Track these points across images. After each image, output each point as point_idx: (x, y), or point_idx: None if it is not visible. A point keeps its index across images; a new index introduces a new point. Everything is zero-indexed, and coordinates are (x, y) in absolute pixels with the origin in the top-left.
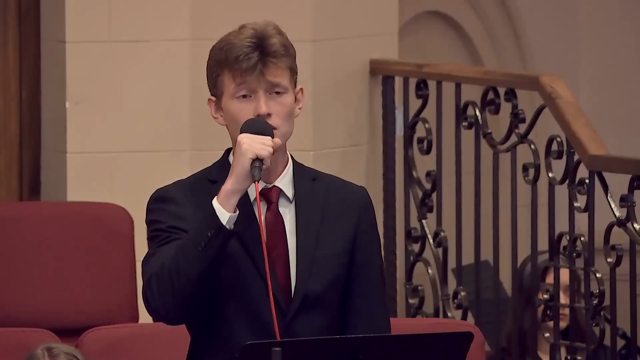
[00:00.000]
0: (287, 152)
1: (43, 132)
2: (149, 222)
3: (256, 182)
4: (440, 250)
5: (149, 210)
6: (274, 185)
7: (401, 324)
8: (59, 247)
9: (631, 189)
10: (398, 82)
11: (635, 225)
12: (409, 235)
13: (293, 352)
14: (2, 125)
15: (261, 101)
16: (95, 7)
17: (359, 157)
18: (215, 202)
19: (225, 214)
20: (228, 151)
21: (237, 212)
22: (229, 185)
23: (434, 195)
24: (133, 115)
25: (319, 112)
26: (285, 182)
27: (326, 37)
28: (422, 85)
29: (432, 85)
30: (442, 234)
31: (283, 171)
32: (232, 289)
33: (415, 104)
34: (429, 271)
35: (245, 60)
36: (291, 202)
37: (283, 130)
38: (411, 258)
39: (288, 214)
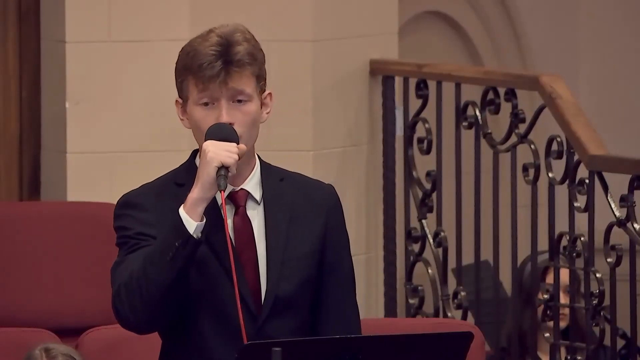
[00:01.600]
0: (255, 153)
1: (43, 132)
2: (116, 229)
3: (222, 192)
4: (440, 250)
5: (116, 216)
6: (241, 189)
7: (401, 324)
8: (59, 247)
9: (631, 189)
10: (398, 82)
11: (635, 225)
12: (409, 235)
13: (293, 352)
14: (2, 125)
15: (223, 110)
16: (95, 7)
17: (359, 157)
18: (182, 211)
19: (192, 223)
20: (194, 153)
21: (205, 221)
22: (194, 194)
23: (434, 195)
24: (133, 115)
25: (319, 112)
26: (252, 184)
27: (326, 37)
28: (422, 85)
29: (432, 85)
30: (442, 234)
31: (250, 174)
32: (202, 294)
33: (415, 104)
34: (429, 271)
35: (209, 69)
36: (259, 204)
37: (246, 137)
38: (411, 258)
39: (256, 216)
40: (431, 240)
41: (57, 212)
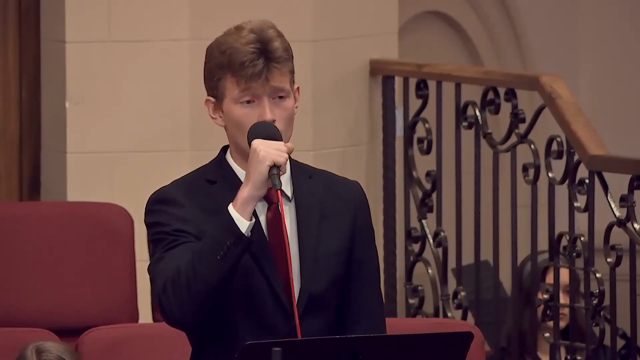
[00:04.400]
0: None
1: (43, 132)
2: (150, 224)
3: (278, 191)
4: (440, 250)
5: (149, 211)
6: None
7: (401, 324)
8: (59, 247)
9: (631, 189)
10: (398, 82)
11: (635, 225)
12: (409, 235)
13: (293, 352)
14: (2, 125)
15: (266, 108)
16: (95, 7)
17: (359, 157)
18: (232, 210)
19: (244, 222)
20: (224, 149)
21: (254, 220)
22: (245, 192)
23: (434, 195)
24: (133, 115)
25: (319, 112)
26: (284, 181)
27: (326, 37)
28: (422, 85)
29: (432, 85)
30: (442, 234)
31: None
32: (238, 292)
33: (415, 104)
34: (429, 271)
35: (251, 67)
36: (290, 201)
37: (287, 134)
38: (411, 258)
39: (288, 213)
40: (431, 240)
41: (57, 212)
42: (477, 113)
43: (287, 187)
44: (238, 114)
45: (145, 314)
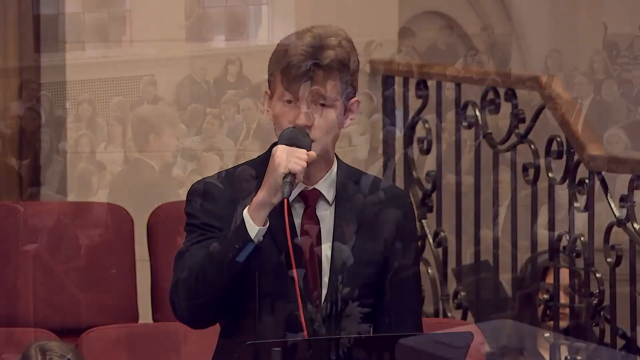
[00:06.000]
0: (334, 154)
1: (43, 132)
2: (186, 214)
3: (285, 200)
4: (440, 250)
5: (187, 200)
6: (314, 188)
7: None
8: (59, 247)
9: (631, 189)
10: (398, 82)
11: (635, 225)
12: None
13: (293, 352)
14: (2, 126)
15: (302, 112)
16: (95, 7)
17: (359, 157)
18: (245, 214)
19: (254, 227)
20: (274, 146)
21: (267, 225)
22: (260, 197)
23: (434, 195)
24: (133, 116)
25: None
26: (326, 185)
27: None
28: (422, 85)
29: (432, 85)
30: (442, 234)
31: (326, 174)
32: (264, 292)
33: (415, 104)
34: (429, 271)
35: (295, 68)
36: (331, 205)
37: (322, 143)
38: None
39: (327, 218)
40: (431, 240)
41: (57, 212)
42: (477, 113)
43: (329, 191)
44: (278, 111)
45: (145, 314)
